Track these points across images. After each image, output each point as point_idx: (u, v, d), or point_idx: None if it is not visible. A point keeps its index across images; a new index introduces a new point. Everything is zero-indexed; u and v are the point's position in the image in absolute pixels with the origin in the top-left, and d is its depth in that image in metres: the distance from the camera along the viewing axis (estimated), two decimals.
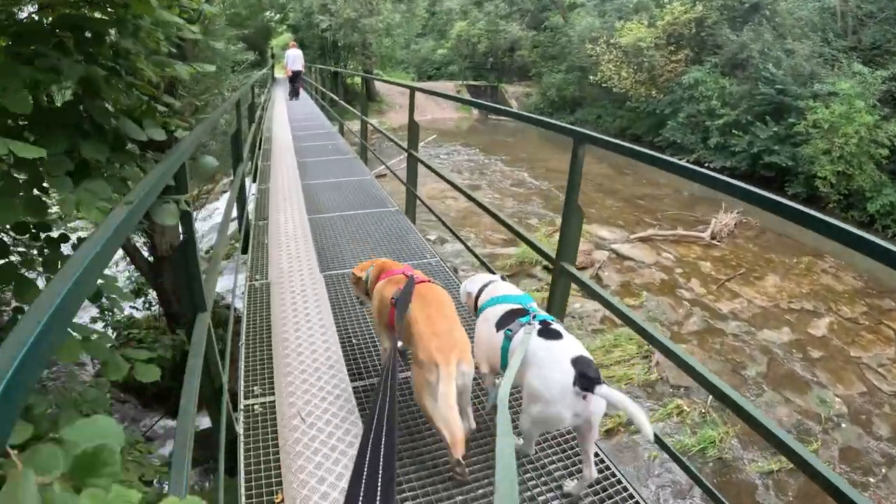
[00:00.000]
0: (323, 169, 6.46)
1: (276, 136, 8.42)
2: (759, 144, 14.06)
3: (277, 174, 6.10)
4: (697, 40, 16.03)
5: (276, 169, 6.32)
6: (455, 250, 7.60)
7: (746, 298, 7.68)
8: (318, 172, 6.25)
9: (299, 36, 22.14)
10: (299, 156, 7.09)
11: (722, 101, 14.70)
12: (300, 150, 7.58)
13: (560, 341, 1.62)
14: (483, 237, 8.18)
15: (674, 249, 8.86)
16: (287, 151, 7.35)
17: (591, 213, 9.80)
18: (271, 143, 7.85)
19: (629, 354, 6.00)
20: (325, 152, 7.51)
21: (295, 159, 6.84)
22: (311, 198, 5.15)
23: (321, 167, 6.54)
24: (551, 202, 10.12)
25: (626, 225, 9.51)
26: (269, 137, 8.22)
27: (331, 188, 5.59)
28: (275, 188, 5.49)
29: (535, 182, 11.38)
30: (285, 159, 6.84)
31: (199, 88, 5.37)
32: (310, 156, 7.14)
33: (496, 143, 16.45)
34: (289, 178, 5.94)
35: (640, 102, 16.20)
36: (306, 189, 5.45)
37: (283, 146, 7.68)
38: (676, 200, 11.62)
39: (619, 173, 13.04)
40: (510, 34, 21.62)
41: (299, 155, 7.16)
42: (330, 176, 6.13)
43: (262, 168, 6.36)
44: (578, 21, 19.81)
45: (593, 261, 7.77)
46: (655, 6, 16.68)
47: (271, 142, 7.98)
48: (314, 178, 5.97)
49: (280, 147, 7.63)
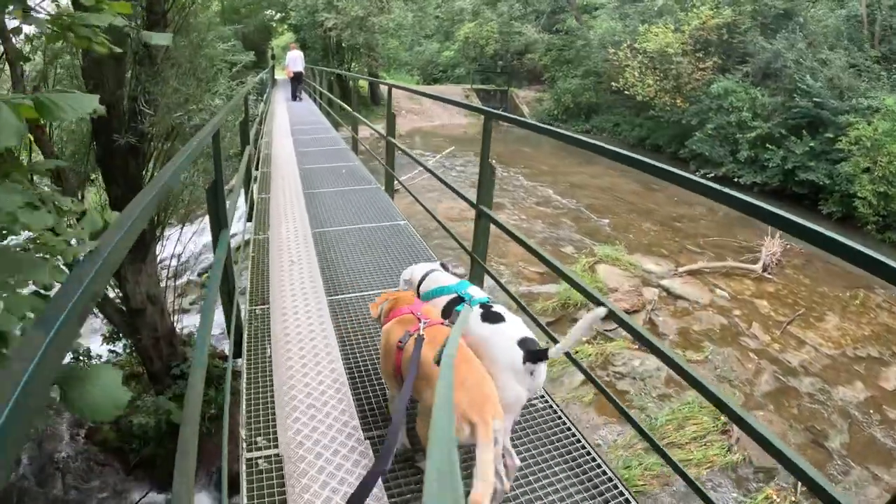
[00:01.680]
0: (339, 204, 4.79)
1: (278, 157, 6.89)
2: (794, 160, 13.19)
3: (280, 219, 4.22)
4: (724, 47, 15.14)
5: (277, 210, 4.43)
6: (486, 286, 6.64)
7: (812, 346, 6.88)
8: (334, 210, 4.61)
9: (301, 36, 21.08)
10: (307, 184, 5.46)
11: (753, 112, 13.82)
12: (308, 176, 5.87)
13: (503, 324, 1.69)
14: (515, 269, 7.21)
15: (725, 284, 7.96)
16: (291, 186, 5.37)
17: (629, 238, 8.87)
18: (270, 165, 6.44)
19: (704, 429, 5.07)
20: (338, 181, 5.81)
21: (301, 193, 5.06)
22: (334, 273, 3.39)
23: (337, 203, 4.83)
24: (584, 225, 9.17)
25: (669, 254, 8.59)
26: (268, 155, 7.03)
27: (359, 243, 3.86)
28: (277, 241, 3.78)
29: (562, 200, 10.43)
30: (288, 194, 5.00)
31: (176, 100, 4.07)
32: (320, 183, 5.57)
33: (512, 152, 15.49)
34: (295, 222, 4.17)
35: (665, 112, 15.26)
36: (322, 240, 3.84)
37: (285, 177, 5.78)
38: (713, 222, 10.74)
39: (647, 189, 12.13)
40: (525, 36, 20.53)
41: (307, 183, 5.49)
42: (354, 220, 4.40)
43: (258, 206, 4.56)
44: (598, 25, 18.86)
45: (644, 302, 6.84)
46: (680, 9, 15.77)
47: (270, 162, 6.61)
48: (330, 221, 4.29)
49: (282, 176, 5.78)
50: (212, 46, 5.16)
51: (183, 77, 4.30)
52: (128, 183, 3.74)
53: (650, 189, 12.17)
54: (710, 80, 14.58)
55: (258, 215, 4.29)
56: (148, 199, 0.88)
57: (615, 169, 13.66)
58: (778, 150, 13.38)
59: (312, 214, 4.41)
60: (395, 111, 19.68)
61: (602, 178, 12.69)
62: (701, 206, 11.42)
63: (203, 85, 4.74)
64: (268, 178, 5.80)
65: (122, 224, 0.74)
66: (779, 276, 8.65)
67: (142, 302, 4.14)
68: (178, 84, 4.14)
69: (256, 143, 6.19)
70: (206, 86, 4.83)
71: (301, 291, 2.99)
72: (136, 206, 0.82)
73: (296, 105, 14.36)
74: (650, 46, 14.56)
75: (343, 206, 4.78)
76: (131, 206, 0.83)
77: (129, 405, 4.65)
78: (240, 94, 4.12)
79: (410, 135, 17.57)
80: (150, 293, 4.19)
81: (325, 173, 6.12)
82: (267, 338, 2.54)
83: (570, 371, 5.40)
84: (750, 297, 7.85)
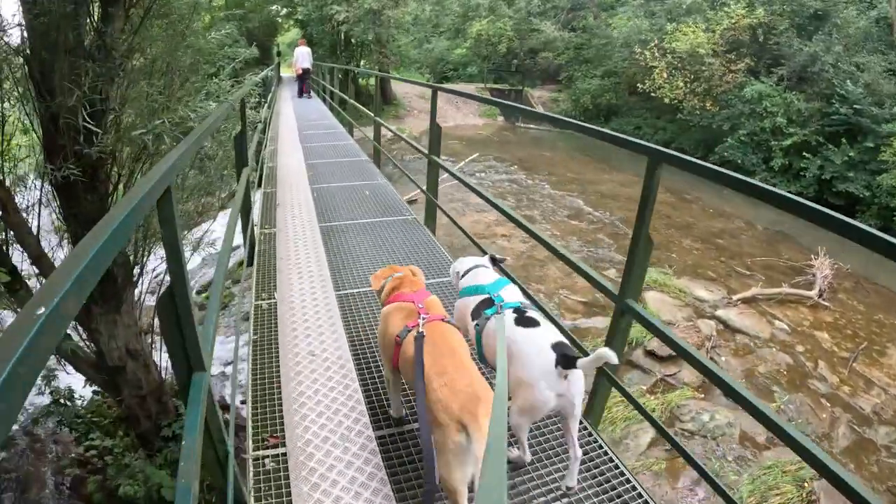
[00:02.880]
0: (367, 246, 3.76)
1: (285, 176, 5.70)
2: (833, 170, 12.50)
3: (289, 271, 3.26)
4: (755, 48, 14.38)
5: (286, 254, 3.52)
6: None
7: (880, 386, 6.25)
8: (360, 255, 3.58)
9: (308, 31, 20.28)
10: (323, 212, 4.50)
11: (787, 118, 13.10)
12: (322, 198, 4.90)
13: (538, 328, 1.70)
14: (557, 299, 6.53)
15: (782, 313, 7.29)
16: (303, 216, 4.38)
17: (672, 258, 8.18)
18: (275, 184, 5.41)
19: (787, 498, 4.41)
20: (361, 207, 4.72)
21: (317, 227, 4.08)
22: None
23: (364, 245, 3.79)
24: (623, 243, 8.47)
25: (718, 277, 7.91)
26: (272, 169, 6.07)
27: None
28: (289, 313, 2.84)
29: (594, 212, 9.71)
30: (299, 230, 4.01)
31: (149, 107, 2.96)
32: (338, 210, 4.57)
33: (534, 157, 14.75)
34: (312, 278, 3.18)
35: (694, 115, 14.52)
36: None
37: (295, 203, 4.71)
38: (755, 238, 10.06)
39: (680, 200, 11.43)
40: (543, 34, 19.63)
41: (323, 211, 4.54)
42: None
43: (261, 246, 3.70)
44: (622, 23, 18.03)
45: (703, 339, 6.17)
46: (709, 8, 15.00)
47: (275, 180, 5.56)
48: (357, 275, 3.27)
49: (291, 203, 4.70)
50: (199, 36, 3.70)
51: (159, 76, 3.23)
52: (86, 221, 2.92)
53: (684, 200, 11.48)
54: (742, 83, 13.84)
55: (262, 262, 3.37)
56: (100, 242, 0.62)
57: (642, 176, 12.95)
58: (814, 159, 12.68)
59: (334, 264, 3.40)
60: (406, 111, 18.92)
61: (632, 186, 11.97)
62: (739, 220, 10.74)
63: (187, 87, 3.52)
64: (272, 200, 4.85)
65: (68, 272, 0.53)
66: (833, 303, 7.98)
67: (120, 358, 3.42)
68: (151, 85, 3.08)
69: (259, 158, 5.35)
70: (190, 87, 3.54)
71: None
72: (85, 251, 0.59)
73: (303, 103, 13.76)
74: (680, 46, 13.79)
75: (372, 248, 3.73)
76: (78, 251, 0.60)
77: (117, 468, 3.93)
78: (233, 97, 2.89)
79: (423, 136, 16.82)
80: (130, 347, 3.47)
81: (343, 196, 5.08)
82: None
83: (635, 431, 4.73)
84: (810, 328, 7.19)
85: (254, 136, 4.67)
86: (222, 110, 2.23)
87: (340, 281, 3.15)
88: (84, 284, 0.55)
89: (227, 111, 2.41)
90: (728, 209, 11.43)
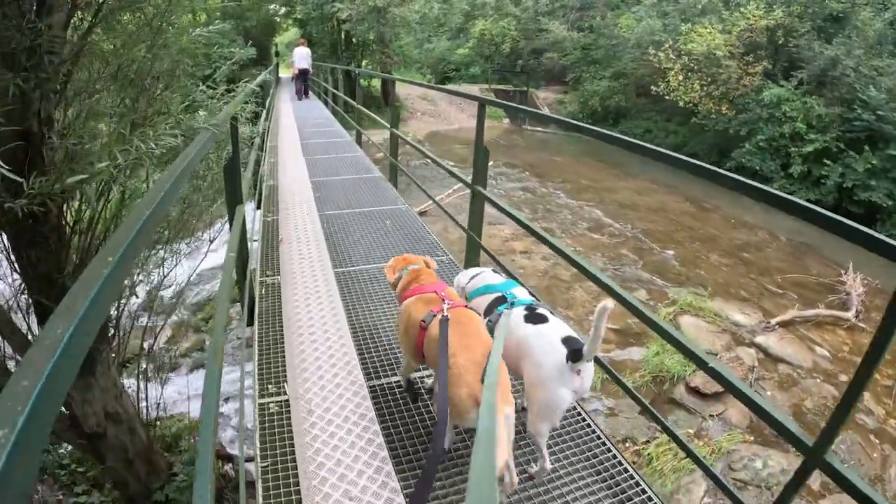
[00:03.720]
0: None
1: (287, 195, 4.99)
2: (854, 177, 12.11)
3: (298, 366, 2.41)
4: (771, 51, 13.96)
5: (296, 315, 2.73)
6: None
7: None
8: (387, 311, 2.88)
9: (308, 31, 19.70)
10: (336, 252, 3.64)
11: (807, 123, 12.69)
12: (334, 234, 4.00)
13: (547, 324, 1.68)
14: (586, 325, 6.07)
15: (820, 337, 6.87)
16: (313, 260, 3.46)
17: (700, 275, 7.74)
18: (276, 208, 4.60)
19: None
20: (384, 244, 3.85)
21: (332, 278, 3.17)
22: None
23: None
24: (649, 259, 8.03)
25: (750, 297, 7.48)
26: (273, 188, 5.30)
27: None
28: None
29: (615, 224, 9.26)
30: (311, 279, 3.16)
31: (104, 135, 2.17)
32: (355, 250, 3.72)
33: (544, 162, 14.28)
34: (336, 370, 2.40)
35: (709, 119, 14.08)
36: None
37: (302, 240, 3.86)
38: (780, 250, 9.65)
39: (700, 209, 11.01)
40: (552, 34, 19.07)
41: (336, 250, 3.69)
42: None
43: (264, 300, 2.94)
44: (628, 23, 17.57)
45: (747, 370, 5.74)
46: (724, 8, 14.56)
47: (275, 202, 4.75)
48: (380, 328, 2.70)
49: (298, 246, 3.73)
50: (183, 33, 2.65)
51: (127, 86, 2.35)
52: (42, 281, 2.35)
53: (703, 209, 11.05)
54: (759, 87, 13.42)
55: (265, 332, 2.59)
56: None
57: (659, 184, 12.53)
58: (835, 166, 12.29)
59: (359, 330, 2.65)
60: (409, 112, 18.29)
61: (649, 195, 11.55)
62: (762, 231, 10.33)
63: (163, 99, 2.58)
64: (272, 232, 3.98)
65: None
66: (869, 324, 7.57)
67: (98, 424, 2.87)
68: (121, 100, 2.32)
69: (257, 176, 4.68)
70: (167, 99, 2.61)
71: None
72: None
73: (303, 106, 13.19)
74: (696, 48, 13.34)
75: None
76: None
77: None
78: (220, 117, 2.07)
79: (427, 140, 16.32)
80: (109, 411, 2.97)
81: (359, 226, 4.21)
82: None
83: (687, 483, 4.29)
84: (849, 353, 6.78)
85: (251, 154, 4.04)
86: (196, 149, 1.41)
87: (373, 367, 2.34)
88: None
89: (205, 148, 1.63)
90: (748, 219, 11.02)
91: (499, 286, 1.98)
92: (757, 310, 7.22)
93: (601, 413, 4.80)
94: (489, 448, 0.30)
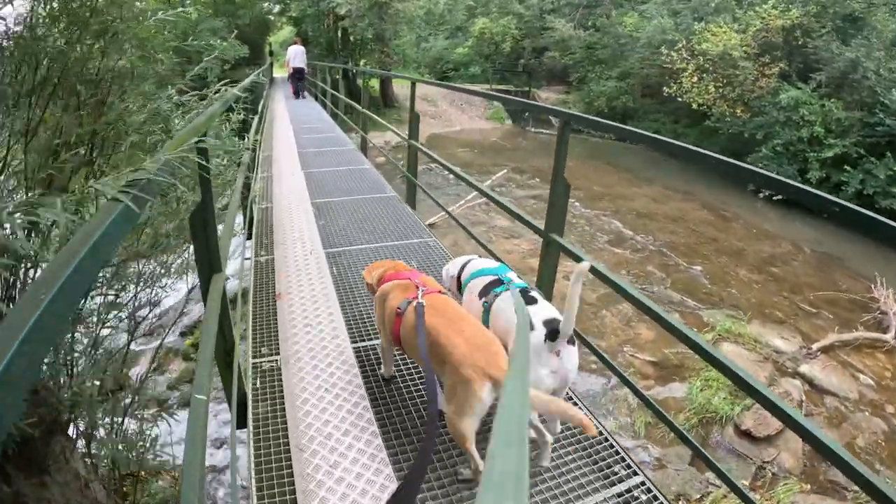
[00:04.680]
0: None
1: (286, 227, 4.07)
2: (874, 184, 11.68)
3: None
4: (786, 51, 13.49)
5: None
6: (588, 383, 4.96)
7: None
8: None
9: (303, 29, 19.00)
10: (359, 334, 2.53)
11: (825, 128, 12.24)
12: (355, 309, 2.76)
13: (534, 306, 1.70)
14: (622, 358, 5.53)
15: (861, 363, 6.39)
16: (326, 329, 2.53)
17: (734, 296, 7.23)
18: (273, 243, 3.68)
19: None
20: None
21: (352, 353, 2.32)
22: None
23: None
24: (676, 276, 7.52)
25: (786, 319, 6.99)
26: (267, 212, 4.50)
27: None
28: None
29: (636, 237, 8.73)
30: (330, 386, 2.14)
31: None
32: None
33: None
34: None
35: (723, 122, 13.60)
36: None
37: (312, 319, 2.63)
38: (806, 263, 9.18)
39: (720, 218, 10.52)
40: (558, 32, 18.44)
41: (359, 334, 2.54)
42: None
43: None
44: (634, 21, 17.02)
45: (796, 406, 5.22)
46: (737, 6, 14.07)
47: (272, 238, 3.79)
48: None
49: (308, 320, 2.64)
50: (143, 19, 1.92)
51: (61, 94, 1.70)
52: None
53: (723, 218, 10.57)
54: (775, 89, 12.95)
55: (261, 424, 1.91)
56: None
57: (673, 190, 12.04)
58: (855, 173, 11.85)
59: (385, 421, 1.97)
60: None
61: (666, 202, 11.05)
62: (785, 242, 9.87)
63: (115, 110, 1.89)
64: (264, 288, 2.98)
65: None
66: None
67: None
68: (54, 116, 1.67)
69: (247, 213, 4.00)
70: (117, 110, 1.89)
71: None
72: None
73: (299, 107, 12.56)
74: (711, 48, 12.83)
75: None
76: None
77: None
78: (165, 149, 1.14)
79: (429, 143, 15.72)
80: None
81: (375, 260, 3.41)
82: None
83: None
84: (892, 380, 6.32)
85: (238, 174, 3.09)
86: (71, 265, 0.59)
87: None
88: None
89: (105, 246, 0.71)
90: (769, 227, 10.57)
91: (494, 269, 2.04)
92: (795, 333, 6.73)
93: (649, 465, 4.27)
94: (520, 390, 0.25)
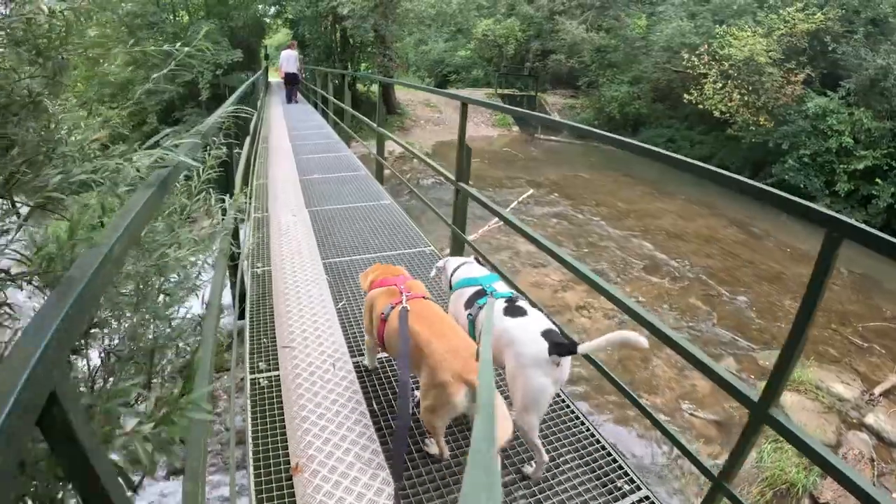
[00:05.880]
0: None
1: (286, 274, 3.35)
2: None
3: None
4: (810, 56, 12.93)
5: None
6: (625, 441, 4.35)
7: None
8: None
9: (299, 32, 18.22)
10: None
11: (854, 138, 11.70)
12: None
13: (527, 317, 1.72)
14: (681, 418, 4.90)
15: None
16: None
17: (783, 331, 6.63)
18: (271, 290, 3.10)
19: None
20: None
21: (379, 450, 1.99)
22: None
23: None
24: (721, 308, 6.91)
25: (840, 356, 6.42)
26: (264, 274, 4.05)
27: None
28: None
29: (671, 262, 8.09)
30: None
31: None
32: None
33: (568, 179, 13.09)
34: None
35: (746, 131, 13.01)
36: None
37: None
38: (845, 287, 8.63)
39: (750, 236, 9.93)
40: (570, 35, 17.67)
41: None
42: None
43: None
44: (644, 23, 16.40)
45: (866, 464, 4.64)
46: (758, 8, 13.47)
47: (270, 287, 3.16)
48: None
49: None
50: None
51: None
52: None
53: (753, 236, 9.98)
54: (801, 97, 12.39)
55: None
56: None
57: (696, 203, 11.43)
58: (886, 185, 11.32)
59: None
60: (412, 121, 16.40)
61: (693, 219, 10.45)
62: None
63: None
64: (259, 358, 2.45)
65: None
66: None
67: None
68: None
69: (238, 282, 3.41)
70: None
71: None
72: None
73: (296, 115, 12.07)
74: (736, 54, 12.21)
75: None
76: None
77: None
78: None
79: (435, 151, 15.03)
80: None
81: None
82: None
83: None
84: None
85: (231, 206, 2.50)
86: None
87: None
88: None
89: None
90: (801, 246, 10.00)
91: (480, 279, 2.03)
92: (853, 374, 6.15)
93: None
94: (488, 419, 0.28)
